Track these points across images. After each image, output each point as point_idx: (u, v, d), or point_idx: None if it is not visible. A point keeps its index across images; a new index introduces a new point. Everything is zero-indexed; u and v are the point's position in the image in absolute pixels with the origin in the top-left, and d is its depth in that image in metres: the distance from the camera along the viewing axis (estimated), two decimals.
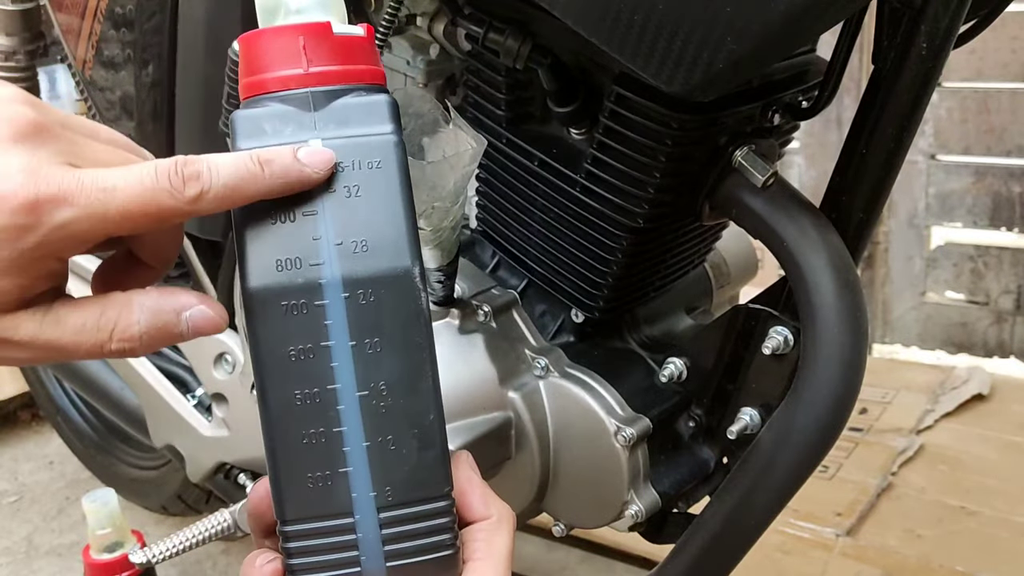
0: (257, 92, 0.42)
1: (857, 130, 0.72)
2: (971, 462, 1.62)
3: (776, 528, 1.08)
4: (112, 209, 0.38)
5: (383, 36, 0.78)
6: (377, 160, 0.41)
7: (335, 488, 0.42)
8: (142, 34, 0.97)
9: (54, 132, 0.40)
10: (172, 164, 0.39)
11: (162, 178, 0.39)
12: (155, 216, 0.39)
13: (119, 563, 1.11)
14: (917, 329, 2.23)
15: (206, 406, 1.14)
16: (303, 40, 0.42)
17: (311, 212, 0.41)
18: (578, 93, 0.76)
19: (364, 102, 0.42)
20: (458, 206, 0.69)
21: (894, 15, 0.67)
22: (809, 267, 0.70)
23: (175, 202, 0.39)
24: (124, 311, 0.41)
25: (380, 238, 0.41)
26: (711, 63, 0.59)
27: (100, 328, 0.41)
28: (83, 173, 0.38)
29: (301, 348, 0.41)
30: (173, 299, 0.42)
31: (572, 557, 1.52)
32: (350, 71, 0.42)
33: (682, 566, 0.78)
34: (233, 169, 0.40)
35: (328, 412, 0.41)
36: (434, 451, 0.42)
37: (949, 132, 2.10)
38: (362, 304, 0.41)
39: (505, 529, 0.46)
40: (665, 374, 0.84)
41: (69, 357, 0.41)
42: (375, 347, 0.41)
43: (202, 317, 0.42)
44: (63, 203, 0.37)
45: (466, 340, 0.85)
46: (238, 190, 0.40)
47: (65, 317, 0.41)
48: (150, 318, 0.41)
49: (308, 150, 0.40)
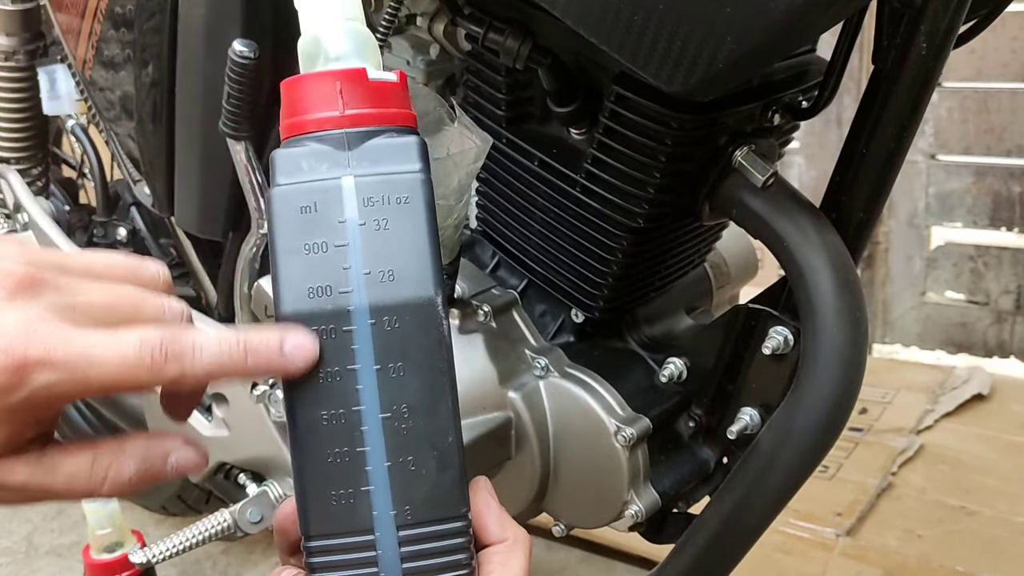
0: (296, 132, 0.45)
1: (857, 130, 0.72)
2: (971, 462, 1.62)
3: (776, 528, 1.08)
4: (92, 377, 0.40)
5: (383, 36, 0.78)
6: (405, 196, 0.44)
7: (357, 506, 0.43)
8: (142, 34, 0.97)
9: (48, 282, 0.41)
10: (157, 341, 0.40)
11: (144, 355, 0.40)
12: (132, 388, 0.41)
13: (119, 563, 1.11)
14: (917, 329, 2.23)
15: (206, 406, 1.14)
16: (340, 85, 0.44)
17: (342, 244, 0.43)
18: (578, 93, 0.76)
19: (395, 143, 0.45)
20: (461, 204, 0.69)
21: (894, 15, 0.67)
22: (809, 267, 0.70)
23: (152, 378, 0.41)
24: (116, 460, 0.43)
25: (406, 268, 0.43)
26: (711, 63, 0.59)
27: (92, 476, 0.43)
28: (71, 337, 0.40)
29: (329, 371, 0.43)
30: (160, 445, 0.45)
31: (572, 557, 1.52)
32: (383, 114, 0.45)
33: (682, 566, 0.78)
34: (216, 354, 0.41)
35: (352, 432, 0.43)
36: (452, 472, 0.44)
37: (949, 132, 2.10)
38: (387, 330, 0.43)
39: (520, 552, 0.46)
40: (665, 374, 0.84)
41: (60, 499, 0.44)
42: (399, 371, 0.43)
43: (186, 460, 0.45)
44: (48, 367, 0.39)
45: (466, 340, 0.85)
46: (218, 373, 0.42)
47: (58, 464, 0.43)
48: (140, 464, 0.44)
49: (293, 343, 0.42)
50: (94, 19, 1.04)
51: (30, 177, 1.36)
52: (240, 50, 0.79)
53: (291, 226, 0.43)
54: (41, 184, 1.38)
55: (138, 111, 1.02)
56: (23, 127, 1.35)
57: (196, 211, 0.99)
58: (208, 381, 0.43)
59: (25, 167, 1.36)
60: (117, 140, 1.12)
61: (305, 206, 0.43)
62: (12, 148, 1.35)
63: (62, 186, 1.47)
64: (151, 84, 0.98)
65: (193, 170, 0.98)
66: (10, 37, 1.28)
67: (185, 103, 0.96)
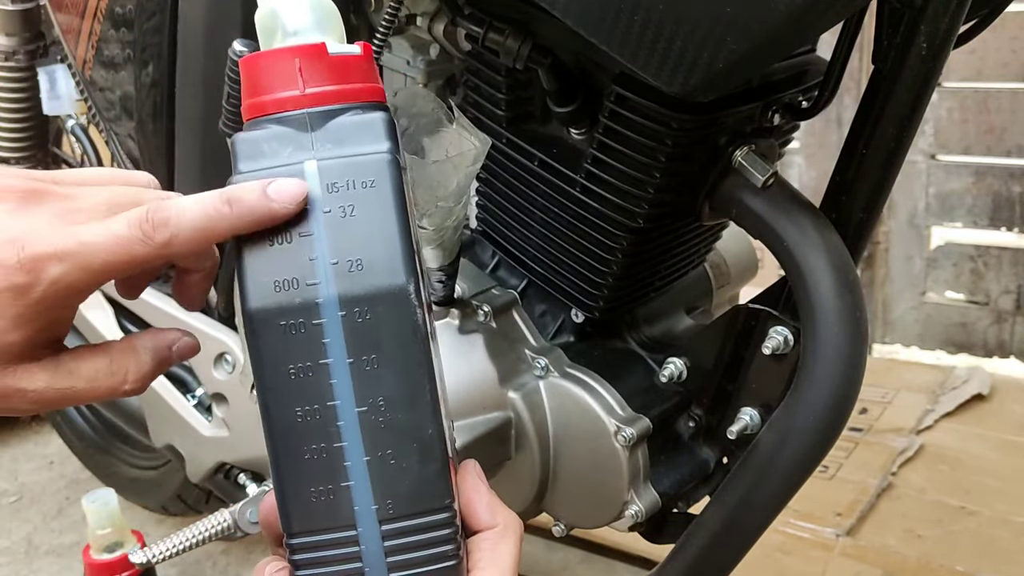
0: (257, 114, 0.43)
1: (857, 130, 0.72)
2: (971, 462, 1.62)
3: (776, 528, 1.08)
4: (94, 261, 0.42)
5: (383, 36, 0.78)
6: (371, 179, 0.42)
7: (338, 502, 0.43)
8: (142, 34, 0.97)
9: (46, 192, 0.44)
10: (142, 213, 0.42)
11: (133, 228, 0.42)
12: (133, 263, 0.43)
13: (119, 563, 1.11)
14: (917, 329, 2.23)
15: (206, 406, 1.14)
16: (299, 62, 0.43)
17: (307, 233, 0.42)
18: (578, 93, 0.76)
19: (360, 120, 0.43)
20: (461, 206, 0.69)
21: (894, 15, 0.67)
22: (809, 267, 0.70)
23: (148, 248, 0.42)
24: (133, 356, 0.47)
25: (375, 256, 0.42)
26: (711, 63, 0.59)
27: (114, 373, 0.46)
28: (73, 232, 0.42)
29: (300, 366, 0.42)
30: (164, 337, 0.48)
31: (572, 557, 1.52)
32: (346, 90, 0.43)
33: (682, 566, 0.78)
34: (200, 210, 0.42)
35: (328, 428, 0.42)
36: (434, 464, 0.43)
37: (949, 132, 2.10)
38: (359, 322, 0.42)
39: (511, 538, 0.46)
40: (665, 374, 0.84)
41: (81, 401, 0.47)
42: (373, 364, 0.42)
43: (185, 345, 0.49)
44: (55, 260, 0.42)
45: (466, 340, 0.85)
46: (207, 230, 0.42)
47: (76, 367, 0.45)
48: (153, 356, 0.47)
49: (278, 184, 0.42)
50: (94, 19, 1.04)
51: None
52: (240, 50, 0.79)
53: None
54: None
55: (138, 111, 1.02)
56: (23, 127, 1.35)
57: None
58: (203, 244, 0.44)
59: (25, 167, 1.36)
60: (117, 140, 1.12)
61: None
62: (12, 148, 1.35)
63: None
64: (151, 84, 0.98)
65: (193, 170, 0.98)
66: (10, 37, 1.28)
67: (185, 103, 0.96)
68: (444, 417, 0.45)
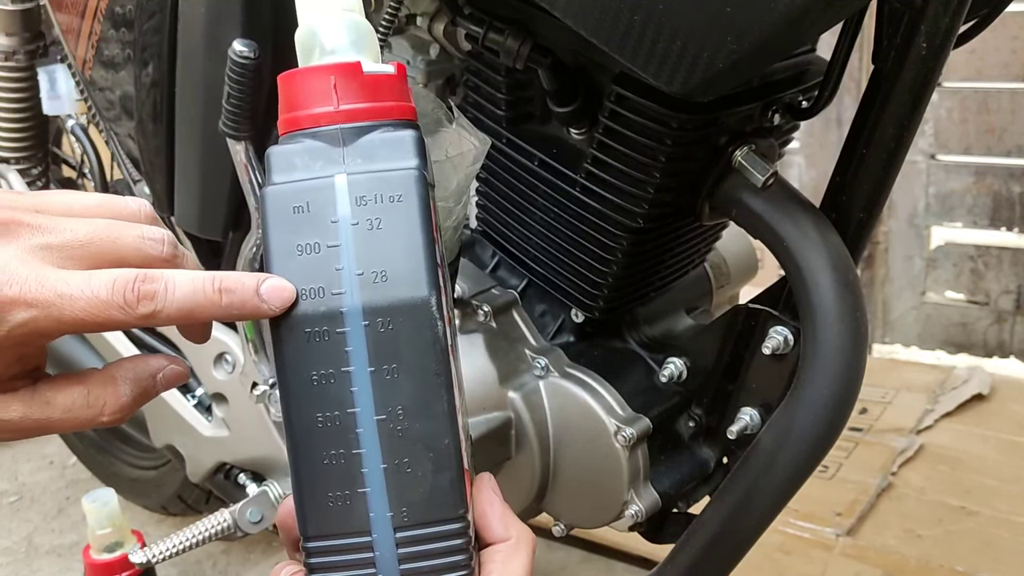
0: (292, 129, 0.45)
1: (857, 130, 0.72)
2: (971, 462, 1.62)
3: (776, 528, 1.08)
4: (67, 315, 0.40)
5: (383, 36, 0.78)
6: (399, 194, 0.43)
7: (354, 507, 0.43)
8: (142, 34, 0.97)
9: (25, 223, 0.42)
10: (131, 280, 0.41)
11: (117, 294, 0.41)
12: (107, 326, 0.41)
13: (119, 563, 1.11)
14: (917, 329, 2.23)
15: (206, 406, 1.14)
16: (334, 79, 0.44)
17: (334, 244, 0.43)
18: (578, 93, 0.76)
19: (390, 138, 0.44)
20: (461, 206, 0.69)
21: (894, 15, 0.67)
22: (809, 267, 0.70)
23: (125, 317, 0.41)
24: (111, 387, 0.45)
25: (399, 269, 0.43)
26: (711, 63, 0.59)
27: (91, 405, 0.44)
28: (46, 276, 0.40)
29: (323, 373, 0.43)
30: (147, 365, 0.46)
31: (572, 557, 1.52)
32: (378, 108, 0.45)
33: (682, 566, 0.78)
34: (190, 292, 0.42)
35: (348, 434, 0.43)
36: (449, 474, 0.44)
37: (949, 132, 2.10)
38: (381, 332, 0.43)
39: (523, 552, 0.46)
40: (665, 374, 0.84)
41: (60, 431, 0.45)
42: (393, 373, 0.43)
43: (172, 374, 0.47)
44: (23, 305, 0.40)
45: (466, 340, 0.85)
46: (192, 313, 0.42)
47: (53, 398, 0.43)
48: (133, 387, 0.45)
49: (270, 285, 0.42)
50: (94, 19, 1.04)
51: (30, 177, 1.36)
52: (240, 50, 0.79)
53: (284, 226, 0.43)
54: (41, 184, 1.38)
55: (138, 111, 1.02)
56: (23, 127, 1.35)
57: (196, 211, 0.99)
58: (183, 323, 0.43)
59: (25, 167, 1.36)
60: (117, 140, 1.12)
61: (298, 206, 0.43)
62: (12, 148, 1.35)
63: (62, 186, 1.47)
64: (151, 84, 0.98)
65: (193, 170, 0.98)
66: (10, 37, 1.28)
67: (185, 103, 0.96)
68: (461, 429, 0.45)
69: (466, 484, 0.45)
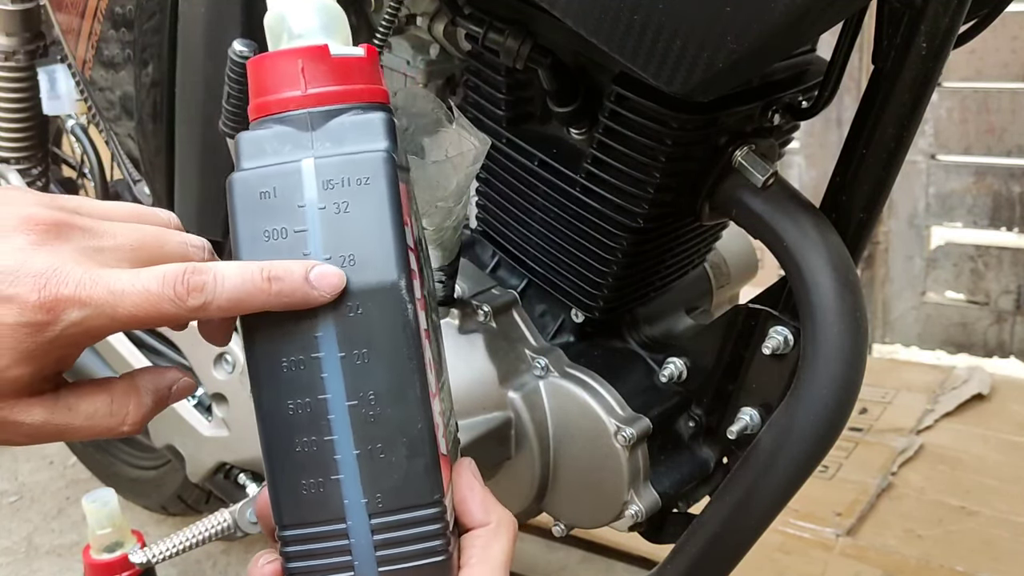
0: (261, 114, 0.44)
1: (857, 130, 0.72)
2: (971, 462, 1.62)
3: (776, 528, 1.08)
4: (120, 311, 0.41)
5: (383, 36, 0.78)
6: (366, 176, 0.43)
7: (328, 495, 0.43)
8: (142, 34, 0.97)
9: (76, 226, 0.43)
10: (180, 272, 0.41)
11: (167, 287, 0.41)
12: (159, 320, 0.42)
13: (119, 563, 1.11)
14: (917, 329, 2.23)
15: (206, 406, 1.14)
16: (301, 63, 0.44)
17: (302, 229, 0.42)
18: (578, 93, 0.76)
19: (359, 120, 0.44)
20: (460, 206, 0.69)
21: (894, 15, 0.67)
22: (809, 267, 0.70)
23: (177, 309, 0.41)
24: (135, 397, 0.45)
25: (367, 252, 0.42)
26: (711, 63, 0.59)
27: (114, 414, 0.45)
28: (98, 274, 0.41)
29: (293, 360, 0.42)
30: (164, 378, 0.47)
31: (572, 557, 1.52)
32: (347, 91, 0.44)
33: (682, 566, 0.78)
34: (239, 282, 0.42)
35: (319, 421, 0.43)
36: (423, 459, 0.43)
37: (949, 132, 2.10)
38: (350, 317, 0.42)
39: (504, 536, 0.46)
40: (665, 374, 0.84)
41: (78, 438, 0.45)
42: (364, 358, 0.42)
43: (185, 386, 0.48)
44: (78, 304, 0.40)
45: (466, 340, 0.85)
46: (242, 303, 0.42)
47: (75, 404, 0.44)
48: (153, 398, 0.46)
49: (319, 271, 0.42)
50: (94, 19, 1.04)
51: (30, 177, 1.36)
52: (240, 50, 0.79)
53: (251, 212, 0.43)
54: (41, 184, 1.38)
55: (138, 111, 1.02)
56: (23, 127, 1.35)
57: (196, 211, 0.99)
58: (232, 315, 0.43)
59: (25, 167, 1.36)
60: (117, 140, 1.12)
61: (264, 191, 0.43)
62: (12, 148, 1.35)
63: (62, 186, 1.47)
64: (151, 84, 0.98)
65: (193, 170, 0.98)
66: (10, 37, 1.28)
67: (185, 103, 0.96)
68: (440, 414, 0.45)
69: (442, 469, 0.44)
